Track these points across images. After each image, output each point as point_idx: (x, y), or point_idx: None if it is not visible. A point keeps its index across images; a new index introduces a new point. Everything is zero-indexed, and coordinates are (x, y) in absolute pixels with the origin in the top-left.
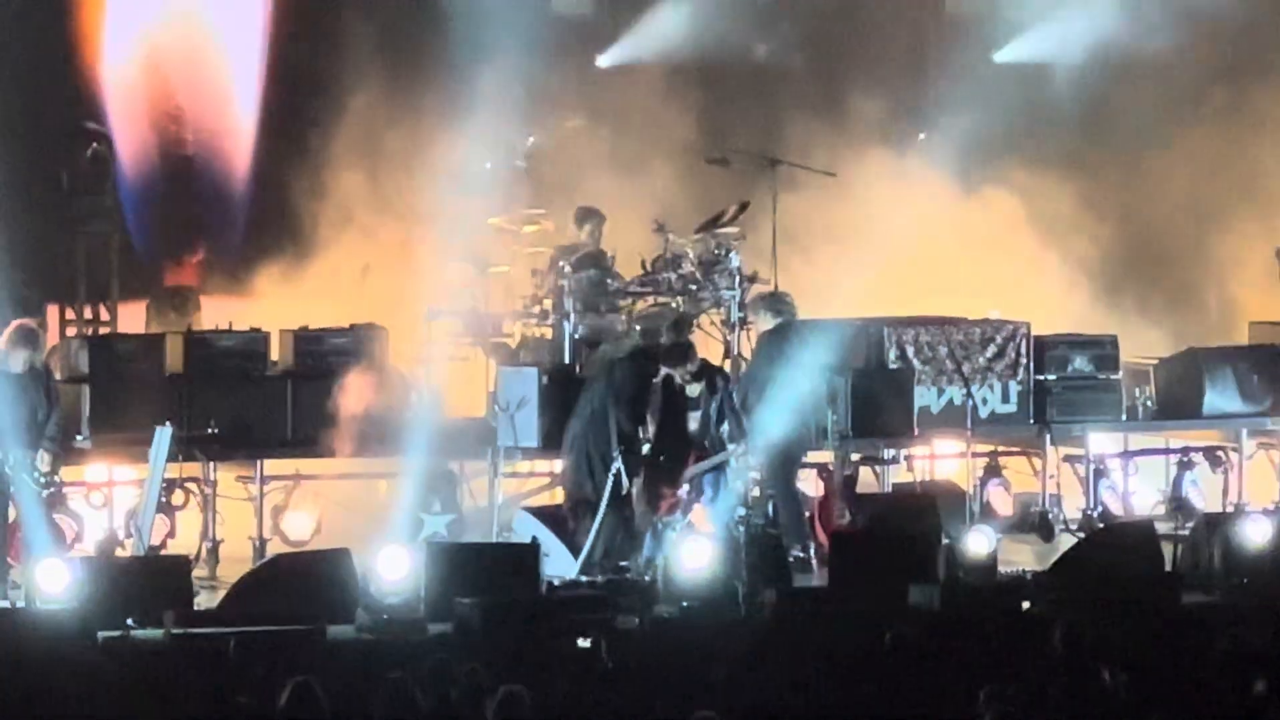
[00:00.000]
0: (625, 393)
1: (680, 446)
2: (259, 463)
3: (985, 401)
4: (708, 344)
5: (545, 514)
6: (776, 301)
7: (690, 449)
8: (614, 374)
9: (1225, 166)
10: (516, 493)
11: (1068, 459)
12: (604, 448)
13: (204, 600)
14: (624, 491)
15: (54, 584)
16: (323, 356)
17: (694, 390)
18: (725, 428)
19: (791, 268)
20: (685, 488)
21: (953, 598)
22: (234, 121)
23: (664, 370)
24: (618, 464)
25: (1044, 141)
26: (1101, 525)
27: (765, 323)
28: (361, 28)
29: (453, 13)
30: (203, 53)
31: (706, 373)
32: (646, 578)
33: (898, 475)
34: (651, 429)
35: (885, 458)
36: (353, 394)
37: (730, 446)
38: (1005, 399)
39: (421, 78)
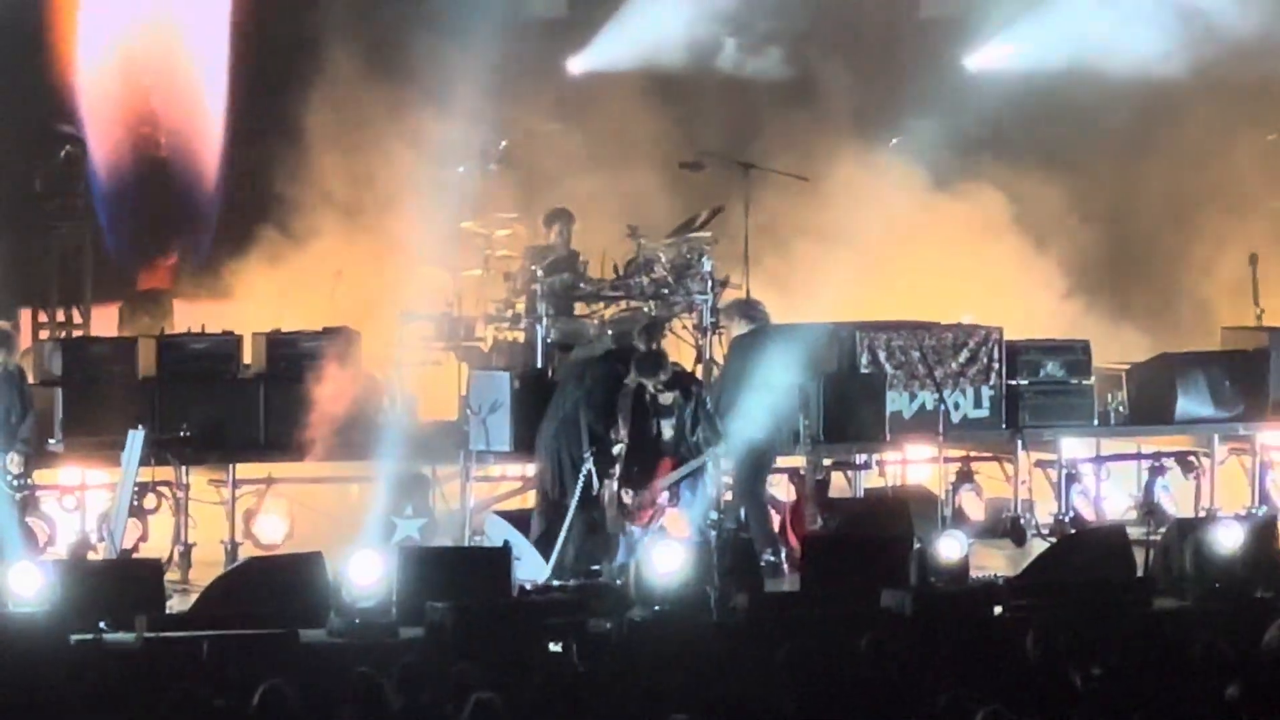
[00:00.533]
0: (597, 396)
1: (653, 454)
2: (231, 466)
3: (957, 406)
4: (679, 348)
5: (517, 518)
6: (749, 308)
7: (663, 457)
8: (585, 377)
9: (1199, 172)
10: (488, 496)
11: (1040, 464)
12: (576, 451)
13: (176, 604)
14: (594, 493)
15: (26, 587)
16: (295, 360)
17: (667, 398)
18: (700, 434)
19: (764, 272)
20: (665, 495)
21: (924, 603)
22: (207, 124)
23: (634, 376)
24: (588, 466)
25: (1018, 146)
26: (1073, 530)
27: (738, 328)
28: (334, 30)
29: (426, 15)
30: (175, 56)
31: (679, 380)
32: (619, 582)
33: (870, 480)
34: (624, 434)
35: (857, 462)
36: (325, 397)
37: (707, 451)
38: (977, 404)
39: (395, 79)
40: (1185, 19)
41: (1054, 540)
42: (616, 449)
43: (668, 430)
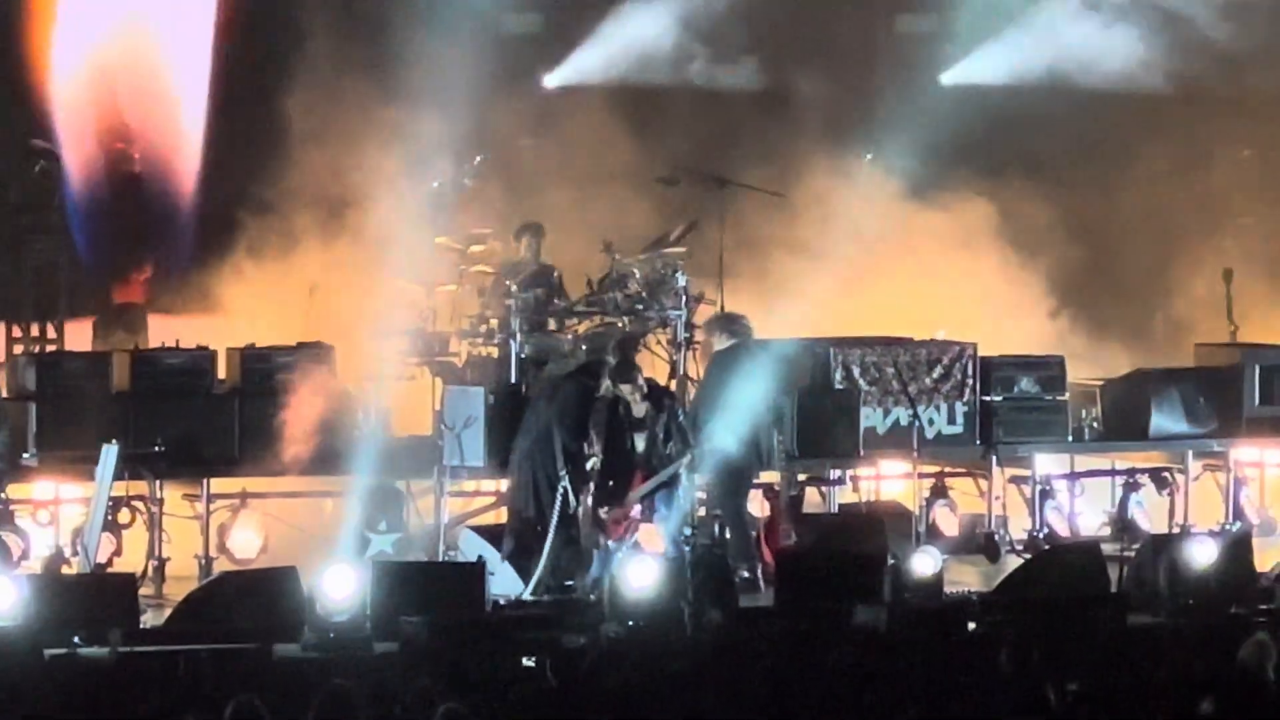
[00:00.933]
0: (570, 411)
1: (626, 468)
2: (205, 481)
3: (931, 422)
4: (654, 364)
5: (491, 533)
6: (731, 322)
7: (635, 470)
8: (557, 394)
9: (1175, 187)
10: (462, 511)
11: (1014, 480)
12: (550, 468)
13: (150, 618)
14: (571, 510)
15: (0, 602)
16: (270, 375)
17: (640, 410)
18: (673, 446)
19: (739, 287)
20: (637, 508)
21: (898, 618)
22: (182, 140)
23: (607, 387)
24: (564, 482)
25: (994, 161)
26: (1047, 546)
27: (720, 343)
28: (309, 45)
29: (401, 30)
30: (151, 72)
31: (653, 392)
32: (593, 597)
33: (844, 496)
34: (597, 448)
35: (831, 478)
36: (300, 412)
37: (678, 460)
38: (951, 420)
39: (370, 95)
40: (1162, 33)
41: (1028, 556)
42: (590, 463)
43: (640, 443)
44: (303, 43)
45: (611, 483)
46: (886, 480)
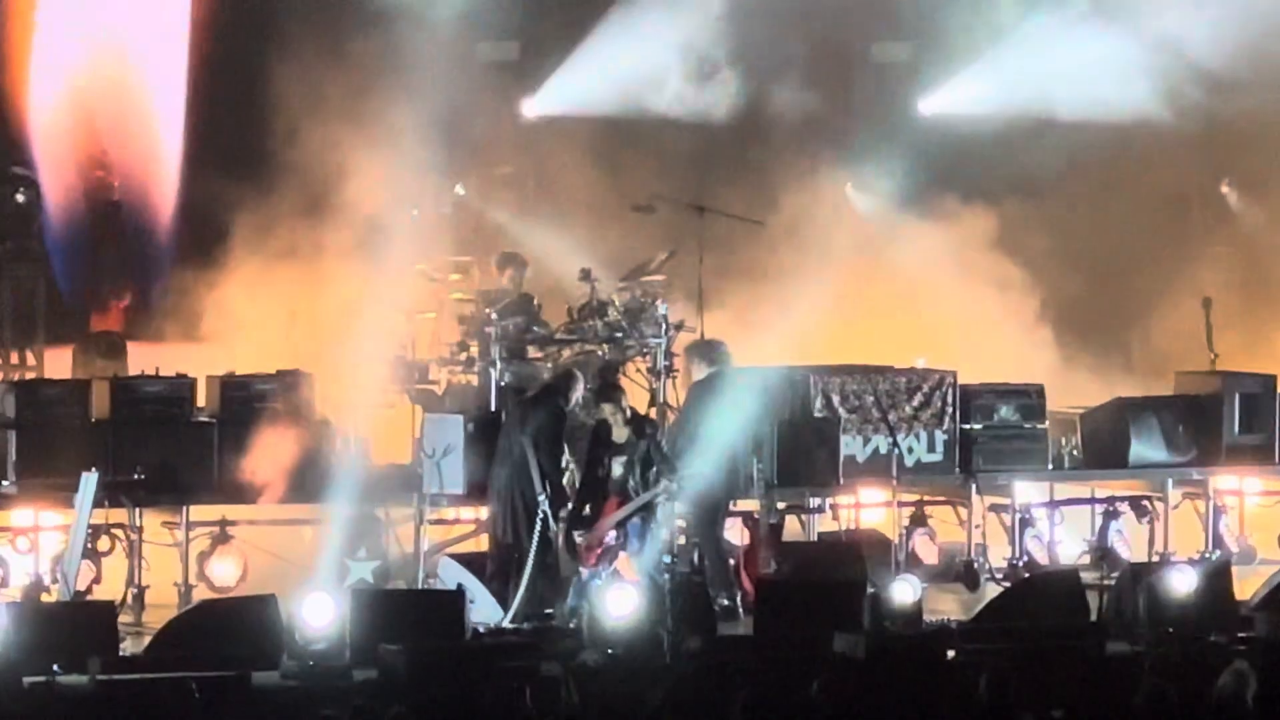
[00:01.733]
0: (545, 433)
1: (602, 494)
2: (185, 509)
3: (911, 450)
4: (634, 392)
5: (471, 561)
6: (711, 350)
7: (610, 496)
8: (528, 419)
9: (1154, 215)
10: (442, 539)
11: (993, 508)
12: (530, 493)
13: (130, 646)
14: (551, 534)
15: None
16: (249, 403)
17: (622, 435)
18: (653, 473)
19: (718, 315)
20: (612, 535)
21: (878, 646)
22: (161, 168)
23: (577, 401)
24: (544, 506)
25: (971, 190)
26: (1027, 575)
27: (699, 371)
28: (289, 75)
29: (379, 59)
30: (129, 99)
31: (635, 419)
32: (571, 625)
33: (823, 524)
34: (573, 465)
35: (811, 506)
36: (279, 440)
37: (658, 485)
38: (931, 448)
39: (349, 123)
40: (1140, 62)
41: (1008, 585)
42: (566, 478)
43: (617, 468)
44: (280, 74)
45: (588, 508)
46: (866, 508)
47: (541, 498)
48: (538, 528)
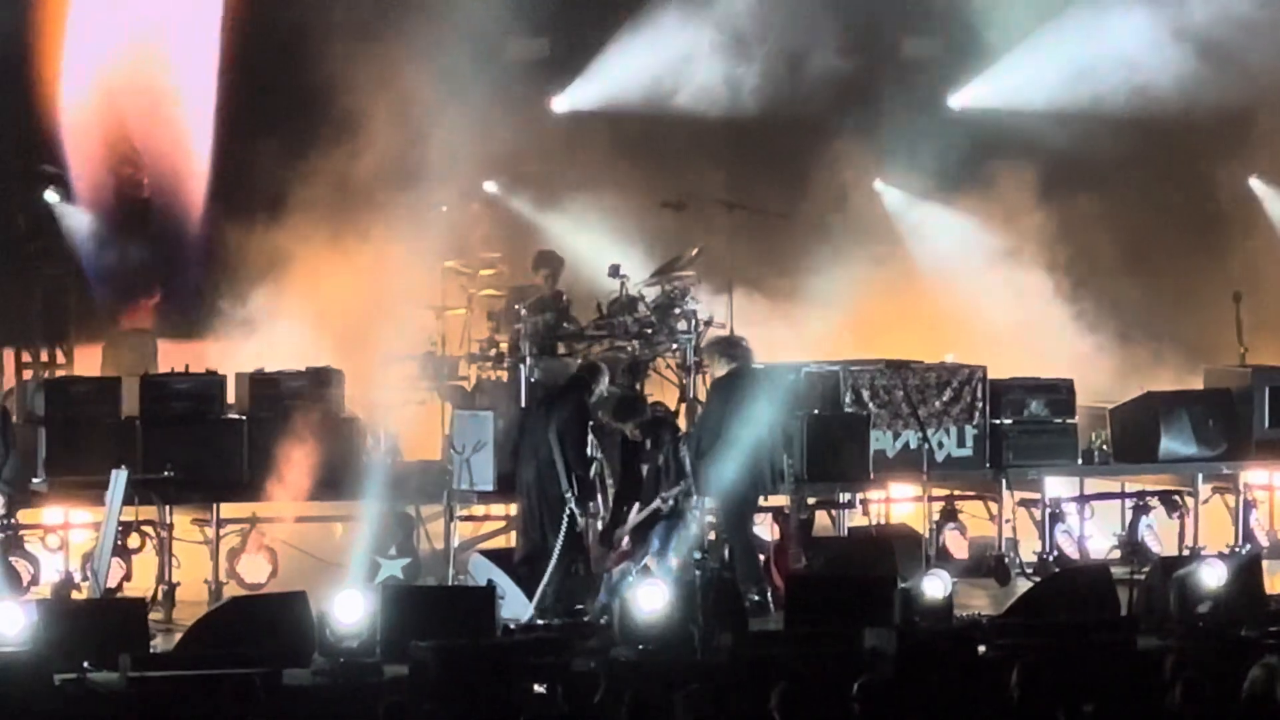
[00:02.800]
0: (570, 430)
1: (632, 495)
2: (215, 506)
3: (941, 445)
4: (663, 388)
5: (501, 557)
6: (731, 346)
7: (638, 499)
8: (553, 416)
9: (1183, 212)
10: (472, 536)
11: (1023, 503)
12: (555, 490)
13: (160, 643)
14: (578, 530)
15: (10, 627)
16: (279, 400)
17: (637, 436)
18: (665, 483)
19: (747, 311)
20: (626, 540)
21: (908, 642)
22: (190, 165)
23: (611, 425)
24: (571, 505)
25: (1000, 184)
26: (1057, 569)
27: (720, 368)
28: (316, 70)
29: (410, 57)
30: (159, 98)
31: (655, 425)
32: (603, 621)
33: (853, 519)
34: (605, 470)
35: (841, 502)
36: (309, 437)
37: (660, 496)
38: (961, 443)
39: (379, 120)
40: (1168, 53)
41: (1038, 579)
42: (594, 469)
43: (643, 472)
44: (309, 70)
45: (625, 508)
46: (896, 503)
47: (568, 494)
48: (564, 524)
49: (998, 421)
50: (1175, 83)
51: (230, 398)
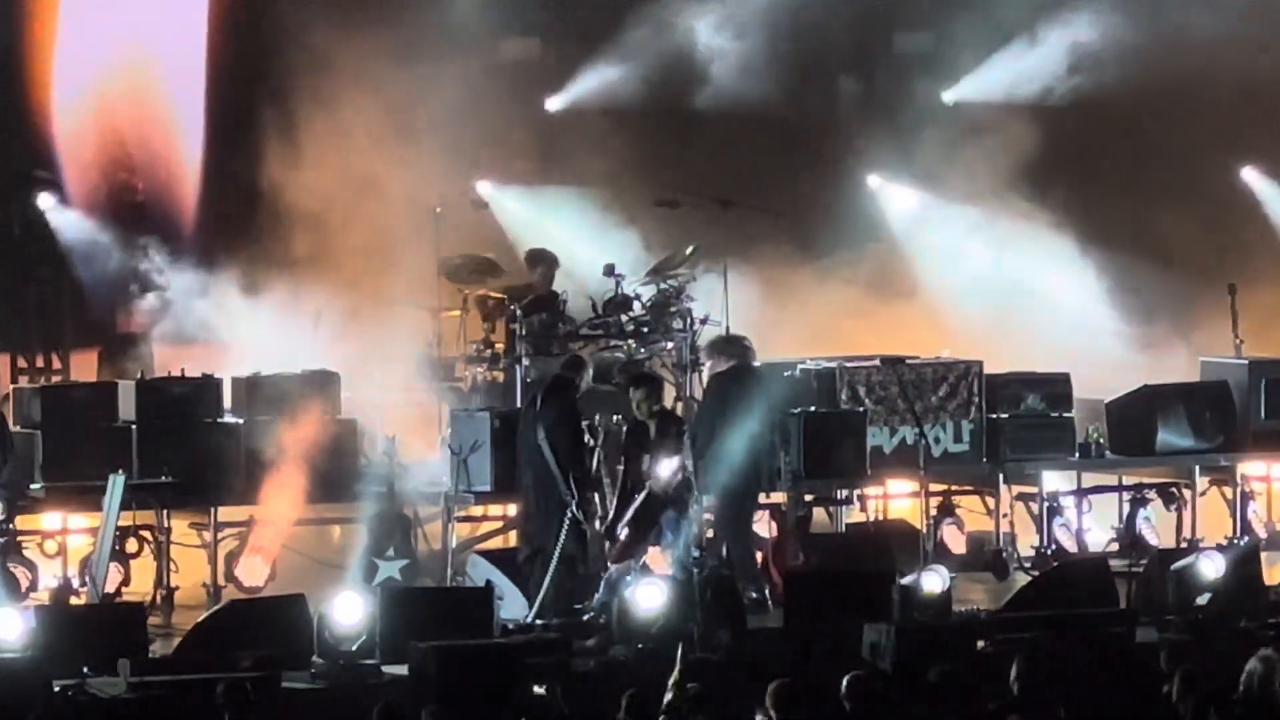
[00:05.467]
0: (560, 429)
1: (634, 490)
2: (212, 509)
3: (938, 441)
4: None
5: (499, 557)
6: (730, 344)
7: (638, 493)
8: (540, 414)
9: (1179, 204)
10: (470, 536)
11: (1021, 497)
12: (555, 492)
13: (159, 648)
14: (579, 530)
15: (8, 633)
16: (275, 402)
17: (650, 426)
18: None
19: (742, 309)
20: (626, 531)
21: (907, 637)
22: (183, 169)
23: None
24: (571, 506)
25: (996, 179)
26: (1055, 563)
27: (719, 365)
28: (310, 73)
29: (402, 58)
30: (152, 102)
31: (661, 416)
32: (601, 620)
33: (851, 516)
34: (598, 460)
35: (839, 498)
36: (306, 440)
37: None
38: (958, 438)
39: (372, 121)
40: (1164, 43)
41: (1036, 573)
42: (593, 463)
43: (648, 465)
44: (303, 71)
45: (624, 505)
46: (894, 499)
47: (568, 497)
48: (565, 524)
49: (994, 416)
50: (1172, 72)
51: (227, 401)
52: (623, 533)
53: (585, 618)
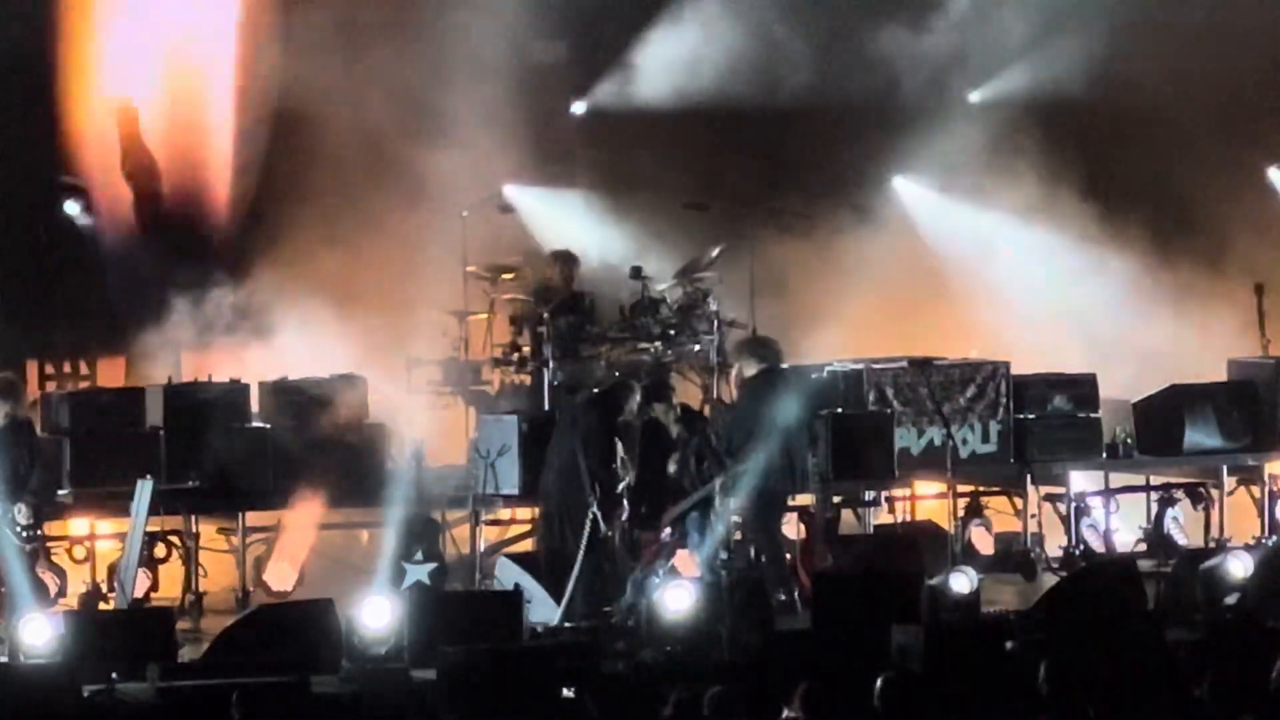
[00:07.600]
0: (593, 439)
1: (658, 491)
2: (240, 514)
3: (965, 442)
4: (686, 389)
5: (527, 561)
6: (760, 347)
7: (667, 493)
8: (579, 421)
9: (1206, 204)
10: (498, 540)
11: (1049, 498)
12: (574, 499)
13: (188, 653)
14: (601, 536)
15: (38, 639)
16: (303, 407)
17: (673, 431)
18: (705, 468)
19: (770, 311)
20: (667, 531)
21: (936, 639)
22: (211, 175)
23: (631, 410)
24: (594, 510)
25: (1020, 180)
26: (1083, 564)
27: (749, 368)
28: (339, 75)
29: (429, 62)
30: (180, 108)
31: (686, 414)
32: (630, 623)
33: (879, 517)
34: (631, 475)
35: (866, 500)
36: (333, 444)
37: (713, 481)
38: (985, 439)
39: (399, 124)
40: (1192, 45)
41: (1064, 574)
42: (622, 485)
43: (671, 466)
44: (331, 72)
45: (644, 506)
46: (921, 500)
47: (591, 499)
48: (587, 529)
49: (1022, 417)
50: (1201, 71)
51: (254, 405)
52: (662, 532)
53: (613, 620)
